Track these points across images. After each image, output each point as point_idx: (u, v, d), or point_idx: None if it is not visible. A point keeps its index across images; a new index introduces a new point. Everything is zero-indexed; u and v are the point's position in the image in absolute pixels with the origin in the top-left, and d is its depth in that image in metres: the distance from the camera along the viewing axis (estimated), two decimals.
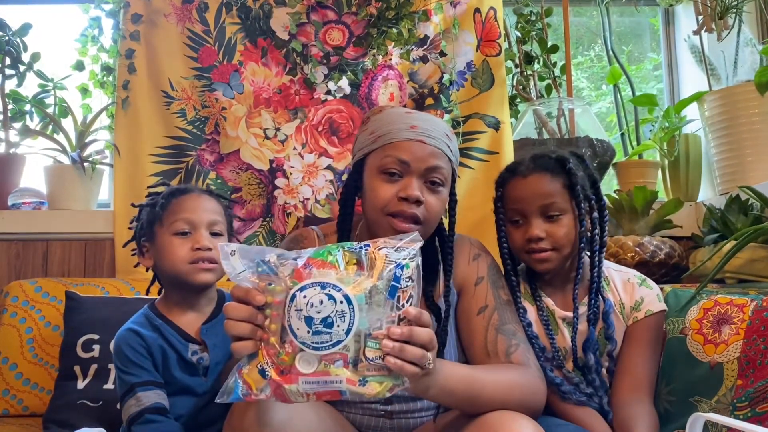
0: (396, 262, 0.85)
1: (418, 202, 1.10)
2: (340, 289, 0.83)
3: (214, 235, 1.25)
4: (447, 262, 1.20)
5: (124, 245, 1.34)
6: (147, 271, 1.32)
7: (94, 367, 1.52)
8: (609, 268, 1.34)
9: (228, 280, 0.92)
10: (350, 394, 0.83)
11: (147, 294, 1.36)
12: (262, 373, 0.84)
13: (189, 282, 1.22)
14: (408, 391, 0.88)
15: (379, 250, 0.87)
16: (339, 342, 0.82)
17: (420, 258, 0.88)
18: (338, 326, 0.82)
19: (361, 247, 0.87)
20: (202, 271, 1.22)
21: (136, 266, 1.33)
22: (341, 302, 0.82)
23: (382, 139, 1.14)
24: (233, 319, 0.85)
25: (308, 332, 0.82)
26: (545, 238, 1.24)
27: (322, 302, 0.82)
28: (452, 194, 1.21)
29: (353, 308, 0.83)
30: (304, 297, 0.83)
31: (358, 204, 1.22)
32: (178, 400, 1.20)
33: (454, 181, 1.20)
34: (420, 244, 0.88)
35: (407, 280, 0.86)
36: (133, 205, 1.35)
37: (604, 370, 1.27)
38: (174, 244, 1.22)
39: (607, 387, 1.26)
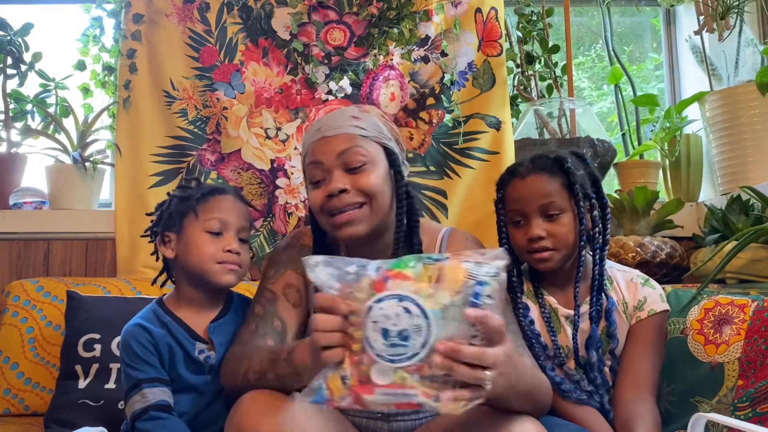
0: (476, 279, 0.84)
1: (342, 192, 1.12)
2: (416, 303, 0.82)
3: (241, 241, 1.25)
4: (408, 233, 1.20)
5: (146, 231, 1.32)
6: (157, 261, 1.32)
7: (95, 366, 1.52)
8: (612, 267, 1.35)
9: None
10: (426, 407, 0.82)
11: (153, 284, 1.35)
12: (344, 380, 0.84)
13: (212, 281, 1.23)
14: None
15: (462, 263, 0.85)
16: (415, 355, 0.82)
17: (504, 276, 0.85)
18: (414, 340, 0.82)
19: (440, 260, 0.86)
20: (228, 272, 1.22)
21: (152, 254, 1.32)
22: (417, 316, 0.82)
23: (303, 155, 1.21)
24: (323, 331, 0.85)
25: (384, 344, 0.82)
26: (546, 237, 1.24)
27: (398, 315, 0.82)
28: (395, 168, 1.18)
29: (430, 322, 0.82)
30: (381, 309, 0.83)
31: None
32: (182, 398, 1.20)
33: (391, 155, 1.18)
34: (505, 262, 0.86)
35: (487, 298, 0.84)
36: (168, 194, 1.32)
37: (606, 369, 1.28)
38: (205, 241, 1.22)
39: (608, 386, 1.26)
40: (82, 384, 1.50)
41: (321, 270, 0.88)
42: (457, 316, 0.83)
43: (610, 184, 2.17)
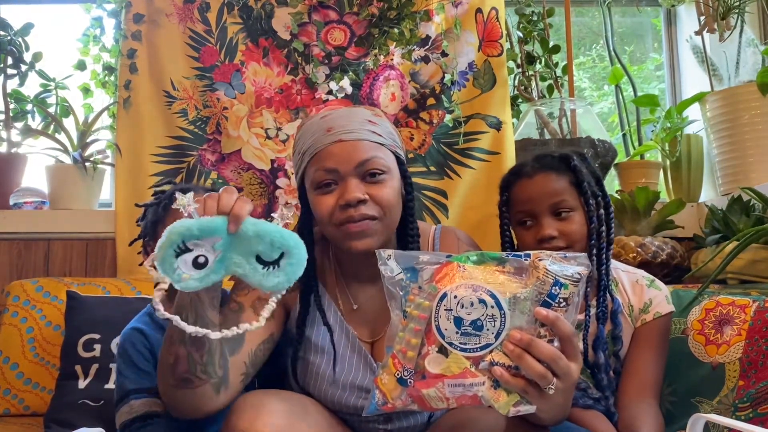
0: (555, 278, 0.83)
1: (360, 202, 1.05)
2: (491, 293, 0.82)
3: None
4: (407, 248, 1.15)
5: (130, 244, 1.33)
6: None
7: (95, 366, 1.52)
8: (617, 268, 1.33)
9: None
10: (485, 400, 0.82)
11: (155, 287, 1.35)
12: (402, 381, 0.84)
13: None
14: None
15: (541, 260, 0.84)
16: (488, 345, 0.82)
17: (584, 287, 0.84)
18: (488, 329, 0.82)
19: (521, 256, 0.86)
20: None
21: (141, 264, 1.33)
22: (492, 306, 0.82)
23: (307, 155, 1.10)
24: None
25: (456, 333, 0.82)
26: (558, 236, 1.22)
27: (472, 304, 0.82)
28: (405, 177, 1.15)
29: (504, 313, 0.82)
30: (455, 297, 0.83)
31: None
32: None
33: (402, 163, 1.15)
34: (588, 270, 0.84)
35: (562, 301, 0.83)
36: (137, 205, 1.34)
37: (611, 371, 1.27)
38: None
39: (614, 387, 1.25)
40: (82, 384, 1.50)
41: (393, 263, 0.88)
42: (525, 311, 0.82)
43: (611, 185, 2.17)
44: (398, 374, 0.84)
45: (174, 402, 0.97)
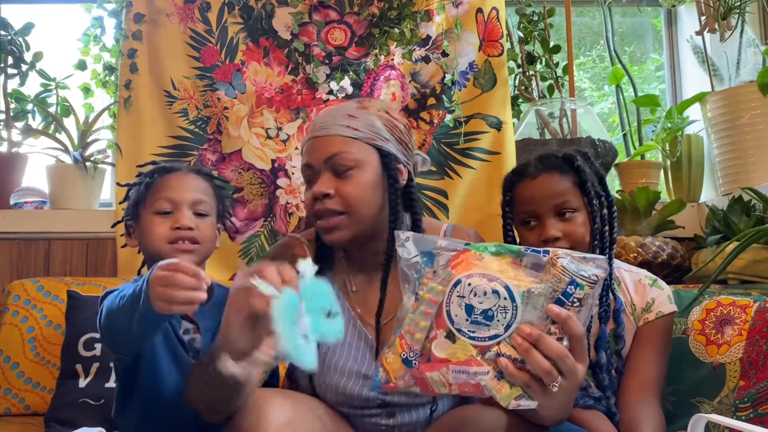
0: (572, 278, 0.83)
1: (325, 196, 1.10)
2: (506, 285, 0.82)
3: (199, 215, 1.19)
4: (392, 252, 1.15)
5: (113, 225, 1.32)
6: (138, 252, 1.29)
7: (95, 365, 1.52)
8: (620, 268, 1.33)
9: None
10: (487, 389, 0.82)
11: (138, 275, 1.34)
12: (407, 362, 0.85)
13: None
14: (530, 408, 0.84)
15: (560, 258, 0.84)
16: (496, 336, 0.82)
17: (600, 290, 0.84)
18: (498, 321, 0.82)
19: (540, 251, 0.86)
20: (182, 253, 1.15)
21: (123, 246, 1.32)
22: (505, 298, 0.82)
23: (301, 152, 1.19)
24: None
25: (466, 320, 0.83)
26: (562, 237, 1.22)
27: (485, 293, 0.82)
28: (389, 169, 1.14)
29: (516, 306, 0.82)
30: (469, 285, 0.83)
31: None
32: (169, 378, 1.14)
33: (385, 156, 1.14)
34: (605, 272, 0.84)
35: (576, 301, 0.83)
36: (118, 184, 1.33)
37: (612, 370, 1.27)
38: (155, 223, 1.17)
39: (615, 387, 1.25)
40: (83, 383, 1.50)
41: (411, 245, 0.89)
42: (538, 306, 0.82)
43: (612, 185, 2.16)
44: (404, 355, 0.85)
45: (205, 413, 1.00)
